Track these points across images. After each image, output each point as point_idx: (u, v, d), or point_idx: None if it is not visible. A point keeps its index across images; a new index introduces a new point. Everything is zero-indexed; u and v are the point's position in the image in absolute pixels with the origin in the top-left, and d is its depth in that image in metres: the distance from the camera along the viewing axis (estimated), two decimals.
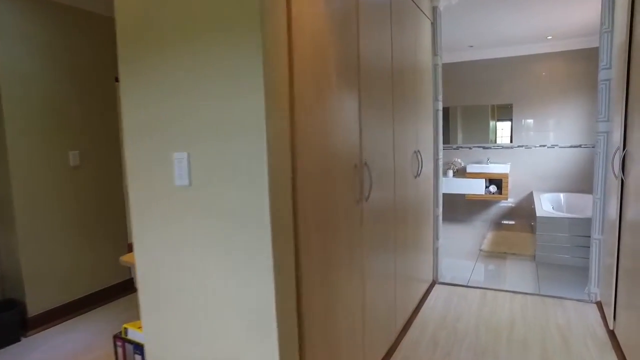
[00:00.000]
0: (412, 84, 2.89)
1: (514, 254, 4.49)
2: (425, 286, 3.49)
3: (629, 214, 2.28)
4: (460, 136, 6.16)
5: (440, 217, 3.79)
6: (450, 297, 3.43)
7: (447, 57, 6.08)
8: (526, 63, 5.69)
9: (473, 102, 6.05)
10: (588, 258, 3.84)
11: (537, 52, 5.61)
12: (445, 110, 6.21)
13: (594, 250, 3.15)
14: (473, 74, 6.02)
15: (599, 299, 3.16)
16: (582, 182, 5.52)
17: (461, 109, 6.13)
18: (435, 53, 3.53)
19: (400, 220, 2.64)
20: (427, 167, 3.51)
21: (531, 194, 5.70)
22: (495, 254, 4.56)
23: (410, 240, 2.89)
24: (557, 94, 5.55)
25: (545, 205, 4.79)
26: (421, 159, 3.08)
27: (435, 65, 3.55)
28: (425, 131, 3.33)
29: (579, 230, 4.00)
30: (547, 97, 5.61)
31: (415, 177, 2.99)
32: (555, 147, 5.62)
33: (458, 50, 5.92)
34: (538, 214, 4.26)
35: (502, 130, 5.89)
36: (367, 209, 2.07)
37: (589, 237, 3.87)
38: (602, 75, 3.05)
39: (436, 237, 3.73)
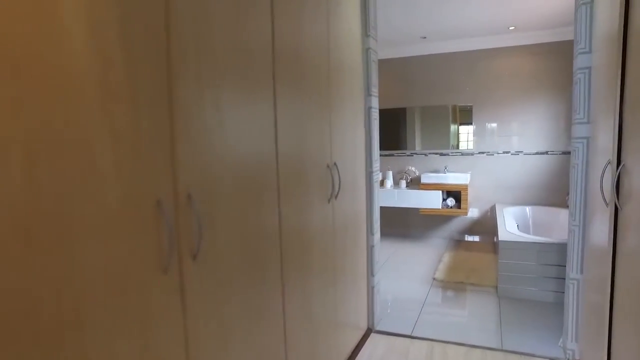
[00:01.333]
0: (322, 72, 2.03)
1: (473, 284, 3.71)
2: (356, 336, 2.64)
3: (631, 243, 1.49)
4: (418, 141, 5.38)
5: (377, 247, 2.95)
6: (387, 355, 2.58)
7: (398, 51, 5.30)
8: (487, 58, 4.97)
9: (431, 103, 5.28)
10: (561, 292, 3.09)
11: (498, 45, 4.90)
12: (402, 112, 5.42)
13: (570, 294, 2.38)
14: (429, 71, 5.26)
15: (578, 359, 2.38)
16: (550, 193, 4.83)
17: (420, 111, 5.35)
18: (367, 33, 2.69)
19: (296, 259, 1.76)
20: (358, 182, 2.66)
21: (495, 207, 4.98)
22: (452, 284, 3.76)
23: (318, 282, 2.02)
24: (521, 94, 4.85)
25: (509, 222, 4.04)
26: (339, 175, 2.22)
27: (367, 50, 2.71)
28: (350, 137, 2.48)
29: (550, 257, 3.25)
30: (510, 97, 4.90)
31: (329, 200, 2.12)
32: (520, 154, 4.92)
33: (410, 43, 5.15)
34: (500, 236, 3.49)
35: (468, 134, 5.14)
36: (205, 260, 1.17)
37: (562, 266, 3.12)
38: (579, 62, 2.28)
39: (371, 273, 2.88)
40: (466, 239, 5.29)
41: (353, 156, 2.54)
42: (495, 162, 5.04)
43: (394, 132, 5.53)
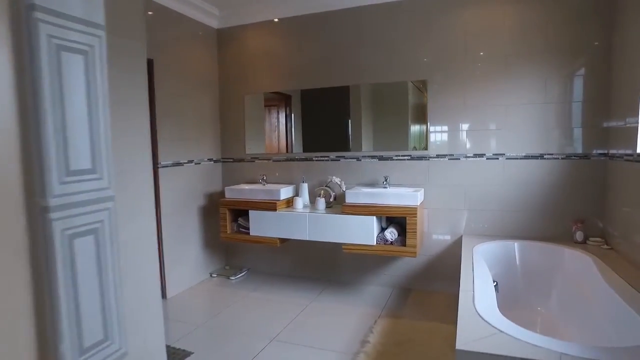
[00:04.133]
0: None
1: None
2: None
3: None
4: (368, 137, 3.49)
5: None
6: None
7: (316, 4, 3.44)
8: (449, 9, 3.15)
9: (381, 79, 3.43)
10: None
11: None
12: (344, 91, 3.55)
13: None
14: (364, 30, 3.41)
15: None
16: (549, 220, 3.01)
17: (369, 90, 3.48)
18: None
19: None
20: None
21: (459, 242, 3.13)
22: None
23: None
24: (501, 65, 3.04)
25: (481, 278, 2.19)
26: None
27: None
28: None
29: None
30: (484, 71, 3.09)
31: None
32: (501, 158, 3.09)
33: None
34: (459, 343, 1.57)
35: (419, 127, 3.30)
36: None
37: None
38: None
39: None
40: (419, 287, 3.41)
41: None
42: (462, 171, 3.20)
43: (323, 124, 3.66)
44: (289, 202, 3.50)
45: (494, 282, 2.25)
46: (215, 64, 3.96)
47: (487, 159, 3.12)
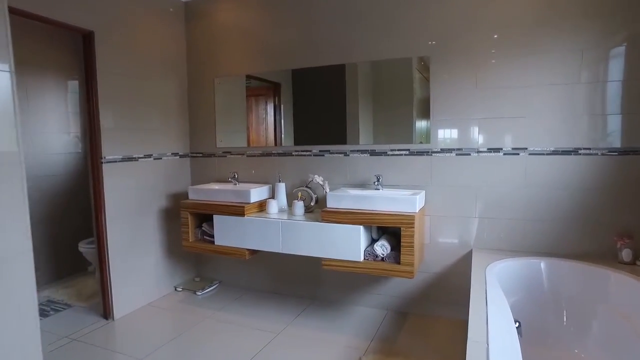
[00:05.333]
0: None
1: None
2: None
3: None
4: (366, 128, 2.87)
5: None
6: None
7: None
8: None
9: (383, 56, 2.82)
10: None
11: None
12: (340, 74, 2.95)
13: None
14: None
15: None
16: (585, 232, 2.36)
17: (370, 67, 2.85)
18: None
19: None
20: None
21: (469, 257, 2.51)
22: None
23: None
24: (522, 38, 2.39)
25: (498, 307, 1.58)
26: None
27: None
28: None
29: None
30: (502, 44, 2.44)
31: None
32: (522, 153, 2.45)
33: None
34: None
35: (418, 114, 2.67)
36: None
37: None
38: None
39: None
40: (418, 311, 2.79)
41: None
42: (472, 169, 2.56)
43: (317, 113, 3.07)
44: (262, 206, 2.91)
45: (515, 322, 1.62)
46: (182, 43, 3.38)
47: (504, 154, 2.48)
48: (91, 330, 2.68)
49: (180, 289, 3.36)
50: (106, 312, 2.83)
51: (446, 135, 2.62)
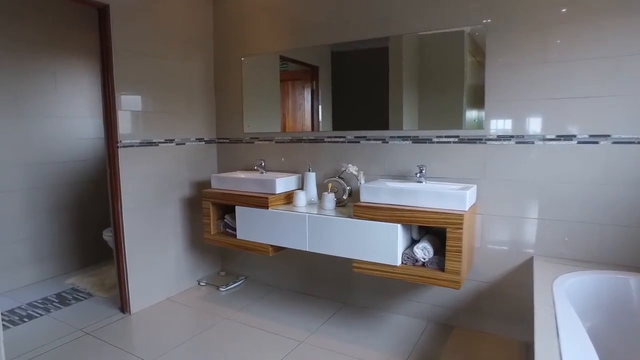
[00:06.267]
0: None
1: None
2: None
3: None
4: (411, 111, 2.50)
5: None
6: None
7: None
8: None
9: (430, 27, 2.44)
10: None
11: None
12: (382, 51, 2.62)
13: None
14: None
15: None
16: None
17: (415, 41, 2.48)
18: None
19: None
20: None
21: (528, 266, 2.09)
22: None
23: None
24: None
25: (571, 330, 1.19)
26: None
27: None
28: None
29: None
30: (578, 5, 1.97)
31: None
32: (603, 142, 1.98)
33: None
34: None
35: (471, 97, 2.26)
36: None
37: None
38: None
39: None
40: (465, 324, 2.41)
41: None
42: (536, 161, 2.13)
43: (357, 95, 2.74)
44: (290, 197, 2.62)
45: (595, 349, 1.22)
46: (209, 17, 3.13)
47: (578, 142, 2.03)
48: (106, 324, 2.53)
49: (204, 284, 3.16)
50: (123, 306, 2.67)
51: (504, 119, 2.19)
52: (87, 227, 3.59)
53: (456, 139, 2.31)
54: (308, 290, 2.95)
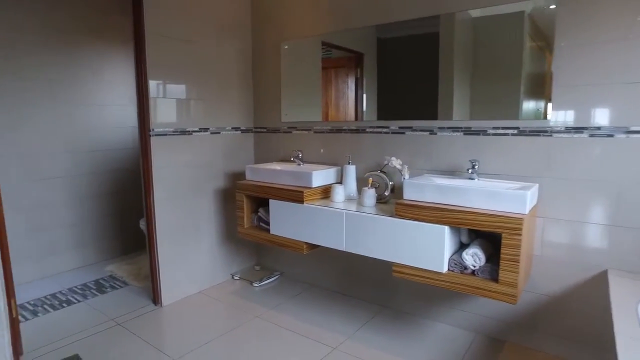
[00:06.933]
0: None
1: None
2: None
3: None
4: (463, 99, 2.25)
5: None
6: None
7: None
8: None
9: (486, 3, 2.17)
10: None
11: None
12: (433, 37, 2.40)
13: None
14: None
15: None
16: None
17: (468, 25, 2.23)
18: None
19: None
20: None
21: (599, 281, 1.79)
22: None
23: None
24: None
25: None
26: None
27: None
28: None
29: None
30: None
31: None
32: None
33: None
34: None
35: (536, 84, 1.97)
36: None
37: None
38: None
39: None
40: (518, 339, 2.14)
41: None
42: (613, 157, 1.81)
43: (403, 83, 2.52)
44: (327, 191, 2.44)
45: None
46: (247, 2, 2.99)
47: None
48: (137, 315, 2.49)
49: (238, 278, 3.07)
50: (155, 297, 2.62)
51: (574, 109, 1.88)
52: (127, 215, 3.61)
53: (515, 131, 2.02)
54: (345, 290, 2.78)
